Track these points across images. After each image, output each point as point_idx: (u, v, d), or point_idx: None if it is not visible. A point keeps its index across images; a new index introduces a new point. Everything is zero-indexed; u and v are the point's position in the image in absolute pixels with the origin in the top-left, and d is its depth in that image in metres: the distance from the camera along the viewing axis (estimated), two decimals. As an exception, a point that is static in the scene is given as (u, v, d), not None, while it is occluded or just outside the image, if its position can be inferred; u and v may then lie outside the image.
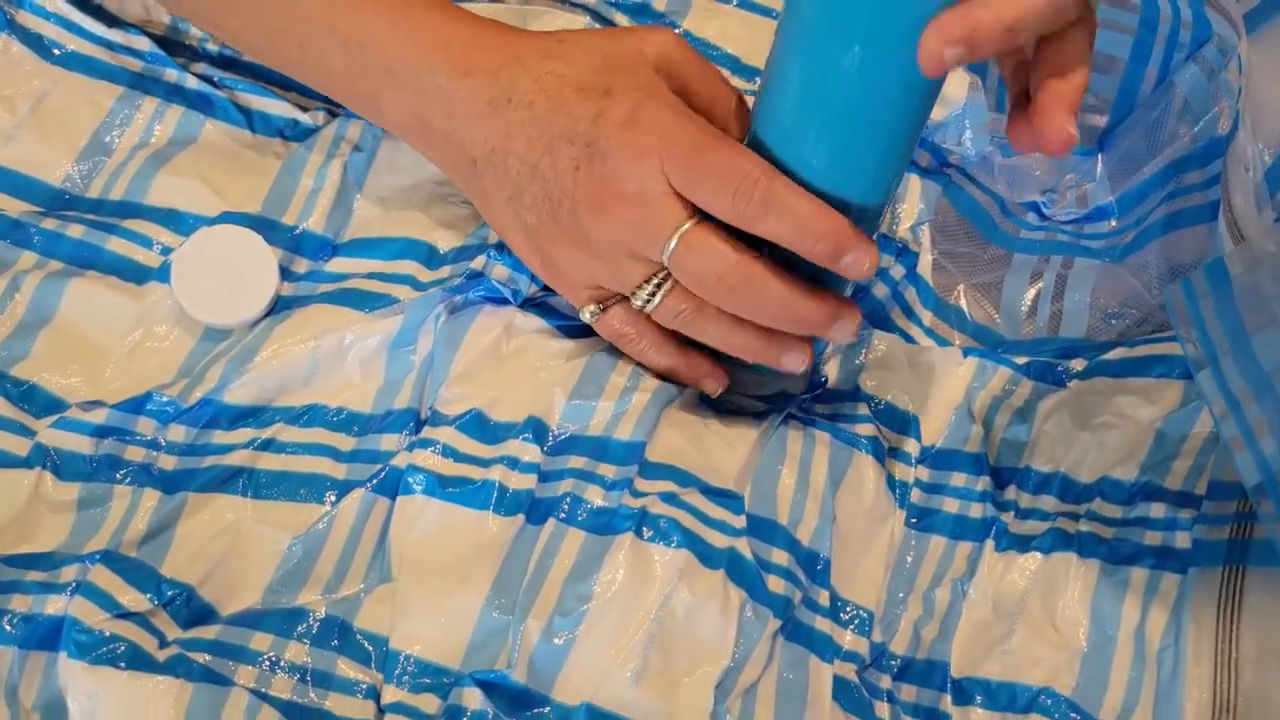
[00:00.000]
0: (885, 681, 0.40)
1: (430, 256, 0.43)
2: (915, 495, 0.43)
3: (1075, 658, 0.39)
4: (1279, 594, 0.36)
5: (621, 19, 0.49)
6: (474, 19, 0.40)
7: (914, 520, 0.43)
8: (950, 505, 0.43)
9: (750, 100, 0.38)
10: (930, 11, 0.30)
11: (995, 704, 0.39)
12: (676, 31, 0.45)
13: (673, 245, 0.36)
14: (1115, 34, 0.53)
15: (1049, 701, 0.38)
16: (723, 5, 0.51)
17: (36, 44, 0.47)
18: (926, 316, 0.49)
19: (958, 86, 0.49)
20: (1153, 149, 0.51)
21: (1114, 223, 0.52)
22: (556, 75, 0.37)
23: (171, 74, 0.47)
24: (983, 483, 0.43)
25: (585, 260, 0.38)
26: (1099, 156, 0.54)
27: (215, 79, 0.47)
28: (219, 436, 0.40)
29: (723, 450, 0.40)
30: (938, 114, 0.49)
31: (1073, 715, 0.38)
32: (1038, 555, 0.41)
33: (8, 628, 0.34)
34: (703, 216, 0.35)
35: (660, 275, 0.38)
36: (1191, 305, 0.36)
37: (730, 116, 0.39)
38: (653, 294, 0.38)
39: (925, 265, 0.49)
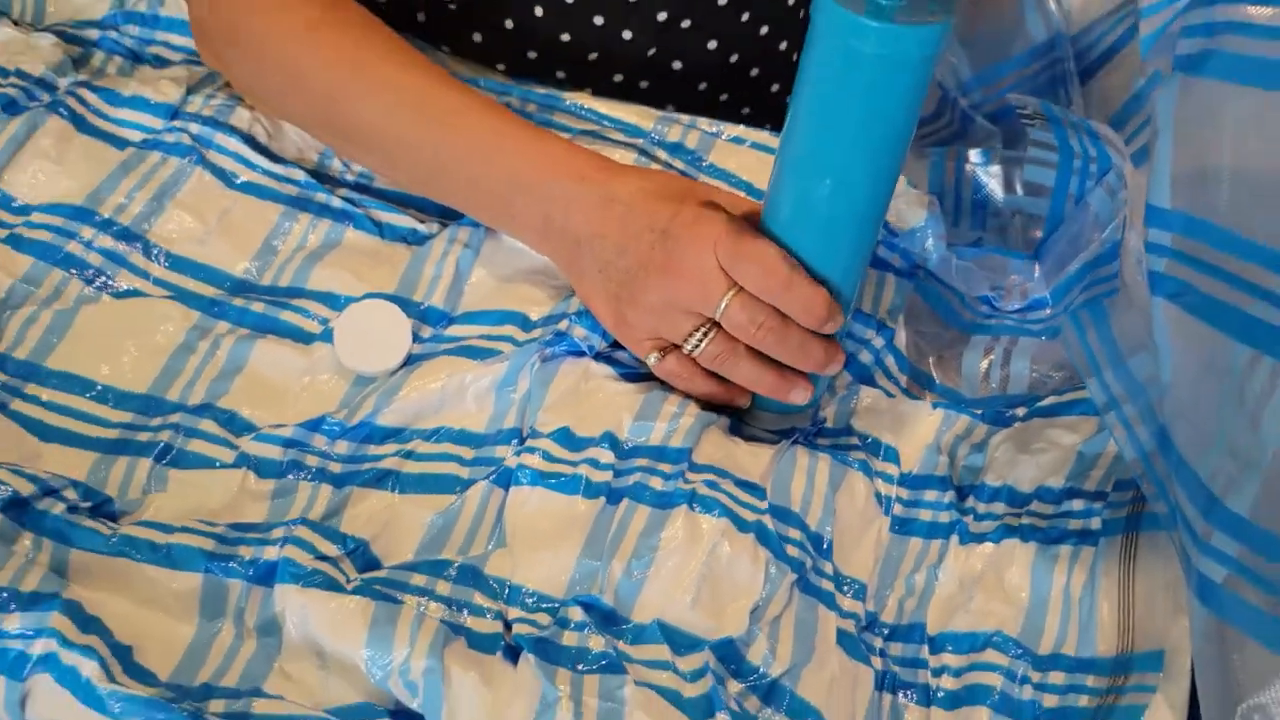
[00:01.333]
0: (878, 642, 0.52)
1: (525, 323, 0.58)
2: (896, 509, 0.57)
3: (1020, 611, 0.51)
4: (1160, 549, 0.49)
5: (662, 154, 0.66)
6: (582, 148, 0.56)
7: (896, 528, 0.56)
8: (924, 515, 0.57)
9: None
10: (882, 162, 0.46)
11: (960, 648, 0.51)
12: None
13: (725, 303, 0.51)
14: (1044, 169, 0.69)
15: (1000, 640, 0.50)
16: (738, 146, 0.67)
17: (221, 174, 0.63)
18: (903, 379, 0.63)
19: (919, 207, 0.65)
20: (1074, 252, 0.66)
21: (1049, 311, 0.67)
22: (643, 188, 0.53)
23: (320, 196, 0.63)
24: (949, 496, 0.57)
25: (650, 317, 0.53)
26: (1036, 263, 0.69)
27: (354, 200, 0.63)
28: (373, 449, 0.54)
29: (749, 459, 0.54)
30: (908, 223, 0.64)
31: (1018, 650, 0.50)
32: (990, 544, 0.54)
33: (237, 567, 0.47)
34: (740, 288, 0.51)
35: (705, 327, 0.52)
36: (1079, 331, 0.51)
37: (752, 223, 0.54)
38: (700, 342, 0.53)
39: (901, 340, 0.64)
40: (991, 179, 0.73)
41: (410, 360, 0.57)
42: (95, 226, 0.60)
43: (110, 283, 0.59)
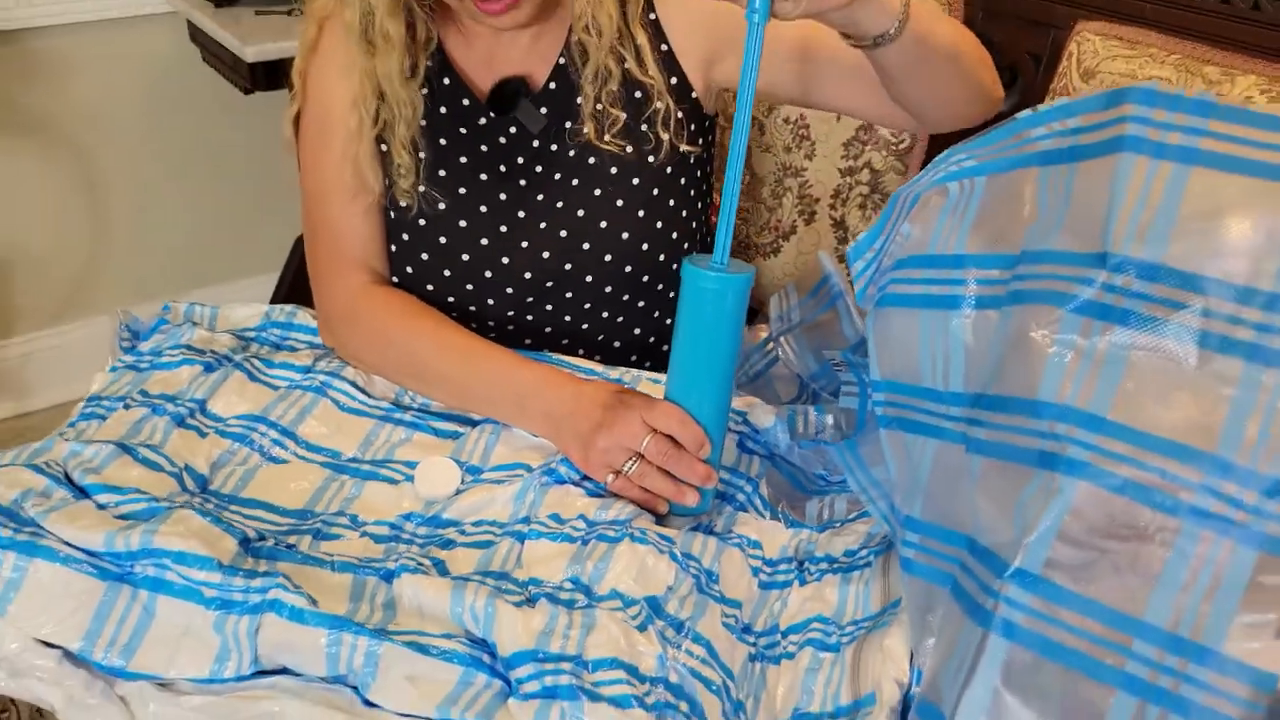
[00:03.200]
0: (750, 639, 0.87)
1: (528, 468, 0.97)
2: (761, 576, 0.93)
3: (831, 606, 0.87)
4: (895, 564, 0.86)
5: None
6: (554, 369, 0.99)
7: (761, 586, 0.93)
8: (779, 578, 0.93)
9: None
10: (724, 351, 0.89)
11: (797, 630, 0.86)
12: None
13: (647, 440, 0.91)
14: (849, 398, 1.12)
15: (819, 618, 0.86)
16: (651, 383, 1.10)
17: (337, 403, 1.04)
18: (765, 514, 1.02)
19: (771, 415, 1.07)
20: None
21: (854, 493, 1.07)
22: (594, 387, 0.95)
23: (397, 414, 1.04)
24: (793, 565, 0.94)
25: (603, 455, 0.93)
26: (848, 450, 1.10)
27: (419, 417, 1.04)
28: (439, 531, 0.90)
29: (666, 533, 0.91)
30: (764, 425, 1.05)
31: (828, 622, 0.85)
32: (816, 583, 0.91)
33: (372, 573, 0.83)
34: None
35: (634, 458, 0.92)
36: (850, 454, 0.91)
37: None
38: (632, 465, 0.92)
39: (764, 491, 1.03)
40: (827, 417, 1.13)
41: (458, 491, 0.95)
42: (267, 424, 1.00)
43: (273, 456, 0.98)
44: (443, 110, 1.11)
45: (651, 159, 1.10)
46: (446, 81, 1.11)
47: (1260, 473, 0.63)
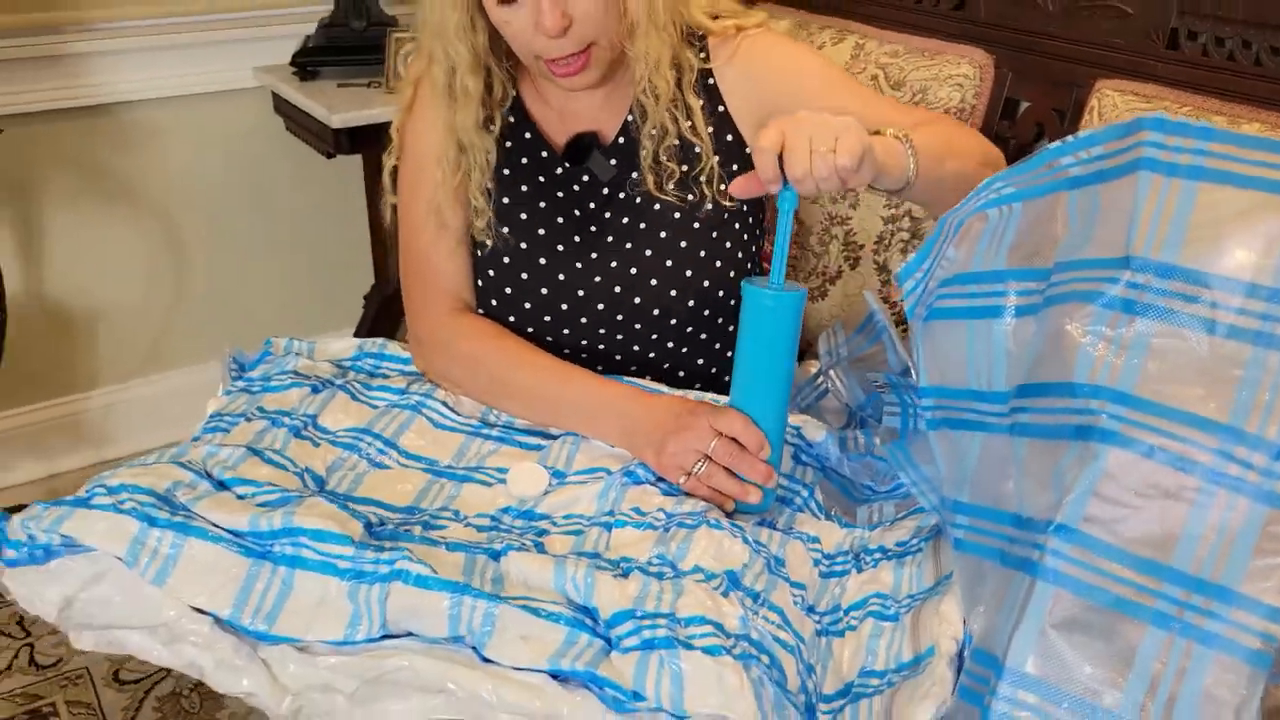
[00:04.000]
0: (814, 618, 0.97)
1: (608, 472, 1.07)
2: (820, 568, 1.03)
3: (887, 586, 0.97)
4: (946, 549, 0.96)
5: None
6: (627, 385, 1.10)
7: (821, 575, 1.02)
8: (837, 568, 1.03)
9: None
10: (782, 364, 1.00)
11: (857, 608, 0.96)
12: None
13: (714, 444, 1.02)
14: (892, 417, 1.22)
15: (877, 595, 0.95)
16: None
17: (430, 420, 1.16)
18: (821, 517, 1.11)
19: (822, 430, 1.17)
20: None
21: (903, 490, 1.17)
22: (665, 399, 1.07)
23: (485, 430, 1.15)
24: (849, 558, 1.04)
25: (674, 458, 1.04)
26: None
27: (505, 432, 1.15)
28: (534, 523, 1.01)
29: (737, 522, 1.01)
30: (816, 439, 1.16)
31: (886, 598, 0.95)
32: (871, 569, 1.00)
33: (482, 552, 0.93)
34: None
35: (702, 459, 1.03)
36: (900, 453, 1.01)
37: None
38: (701, 466, 1.03)
39: (818, 495, 1.13)
40: (875, 439, 1.23)
41: (546, 492, 1.06)
42: (372, 436, 1.11)
43: (378, 462, 1.09)
44: (523, 161, 1.25)
45: (708, 208, 1.22)
46: (527, 135, 1.25)
47: (1268, 439, 0.73)
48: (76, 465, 2.23)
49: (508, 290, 1.24)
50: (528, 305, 1.23)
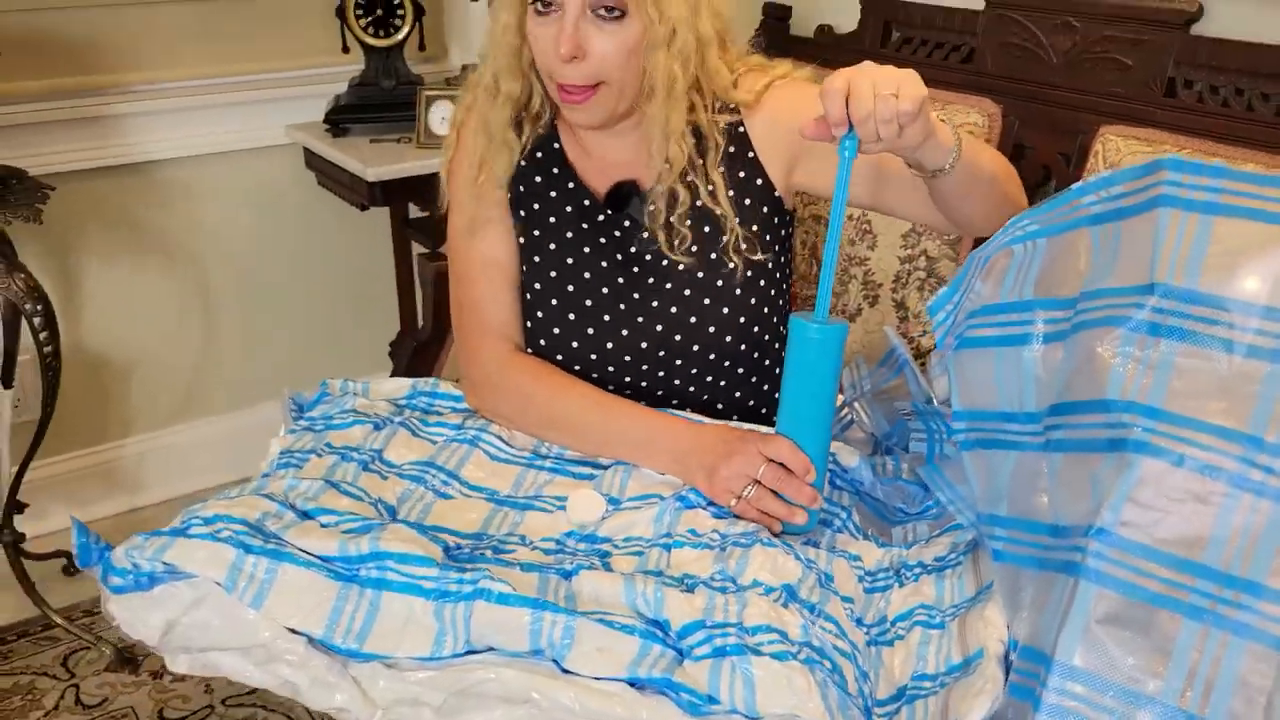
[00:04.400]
0: (862, 630, 1.03)
1: (660, 498, 1.14)
2: (864, 584, 1.10)
3: (930, 598, 1.03)
4: (986, 560, 1.03)
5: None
6: (672, 415, 1.18)
7: (866, 589, 1.09)
8: (879, 584, 1.10)
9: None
10: (826, 392, 1.08)
11: (903, 619, 1.02)
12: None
13: (762, 468, 1.09)
14: (919, 442, 1.29)
15: (924, 606, 1.02)
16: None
17: (487, 453, 1.23)
18: (859, 537, 1.18)
19: (855, 457, 1.24)
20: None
21: (934, 510, 1.24)
22: (713, 428, 1.14)
23: (538, 462, 1.22)
24: (890, 575, 1.10)
25: (724, 483, 1.11)
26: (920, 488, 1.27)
27: (559, 464, 1.22)
28: (596, 545, 1.07)
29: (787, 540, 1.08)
30: (851, 464, 1.23)
31: (932, 609, 1.02)
32: (913, 582, 1.07)
33: (555, 573, 1.00)
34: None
35: (751, 483, 1.10)
36: (936, 475, 1.09)
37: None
38: (750, 490, 1.10)
39: (855, 519, 1.20)
40: (902, 464, 1.30)
41: (603, 518, 1.12)
42: (435, 469, 1.18)
43: (443, 493, 1.15)
44: (568, 209, 1.32)
45: (734, 271, 1.29)
46: (570, 185, 1.33)
47: (1289, 447, 0.81)
48: (110, 513, 2.29)
49: (556, 330, 1.31)
50: (575, 344, 1.30)
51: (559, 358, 1.31)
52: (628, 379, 1.31)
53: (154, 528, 1.02)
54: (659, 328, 1.28)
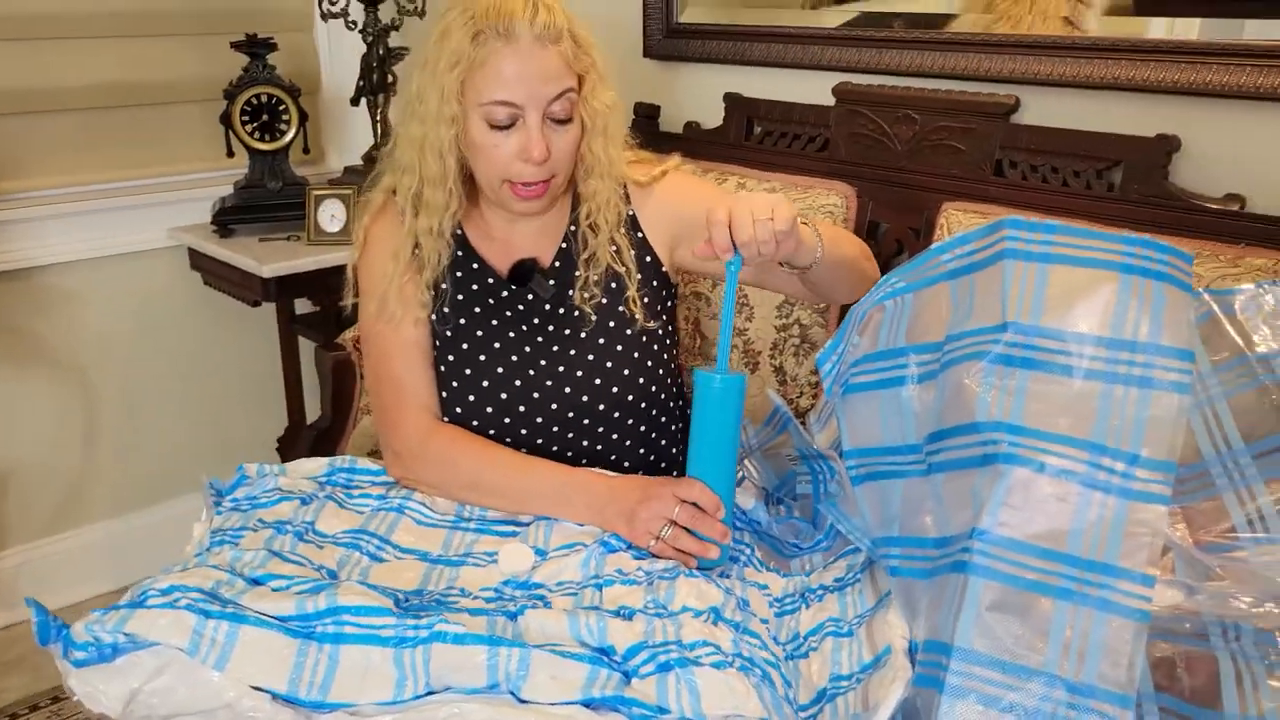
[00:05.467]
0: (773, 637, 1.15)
1: (585, 545, 1.24)
2: (774, 609, 1.22)
3: (832, 612, 1.16)
4: (883, 577, 1.16)
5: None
6: (591, 471, 1.29)
7: (776, 613, 1.21)
8: (788, 608, 1.22)
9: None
10: (728, 438, 1.21)
11: (813, 634, 1.15)
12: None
13: (677, 509, 1.21)
14: (804, 485, 1.43)
15: (831, 619, 1.15)
16: (665, 486, 1.40)
17: (414, 519, 1.31)
18: (763, 570, 1.30)
19: (752, 498, 1.37)
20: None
21: (825, 544, 1.37)
22: (627, 478, 1.26)
23: (463, 525, 1.31)
24: (796, 600, 1.23)
25: (642, 525, 1.22)
26: (812, 525, 1.40)
27: (482, 525, 1.31)
28: (531, 591, 1.17)
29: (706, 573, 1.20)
30: (748, 506, 1.36)
31: (840, 620, 1.14)
32: (818, 602, 1.20)
33: (499, 614, 1.08)
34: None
35: (667, 524, 1.22)
36: (833, 509, 1.23)
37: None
38: (667, 530, 1.21)
39: (758, 553, 1.32)
40: (794, 508, 1.44)
41: (534, 566, 1.22)
42: (368, 535, 1.25)
43: (379, 557, 1.23)
44: (474, 287, 1.44)
45: (635, 327, 1.43)
46: (474, 266, 1.44)
47: (1123, 450, 0.97)
48: (-13, 628, 2.22)
49: (470, 398, 1.41)
50: (489, 410, 1.40)
51: (475, 424, 1.41)
52: (539, 440, 1.42)
53: (32, 645, 1.05)
54: (567, 389, 1.40)
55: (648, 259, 1.46)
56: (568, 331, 1.42)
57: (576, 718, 0.97)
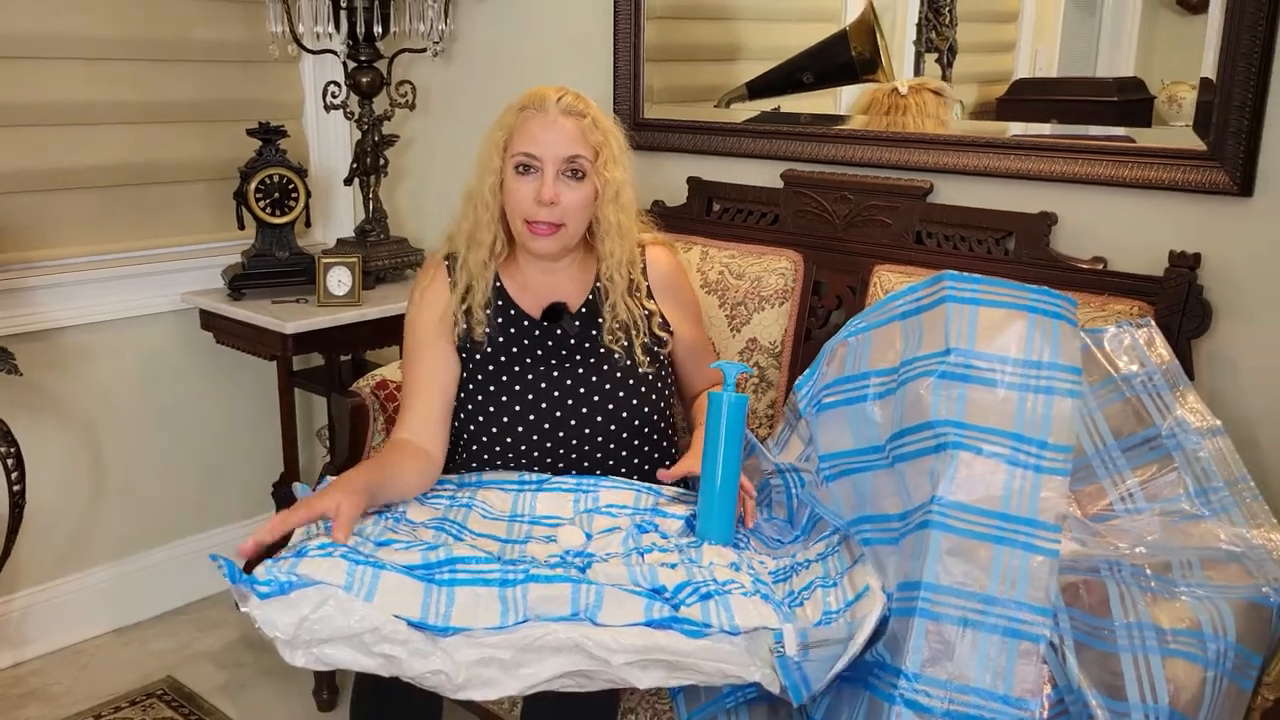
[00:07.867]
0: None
1: (623, 530, 1.58)
2: (762, 589, 1.57)
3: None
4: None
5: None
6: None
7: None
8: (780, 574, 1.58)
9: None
10: (734, 446, 1.58)
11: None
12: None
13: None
14: (779, 493, 1.80)
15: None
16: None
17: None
18: (757, 553, 1.66)
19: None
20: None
21: (801, 539, 1.74)
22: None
23: (517, 518, 1.64)
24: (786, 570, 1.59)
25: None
26: (788, 523, 1.77)
27: (536, 519, 1.65)
28: (591, 557, 1.50)
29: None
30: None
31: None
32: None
33: (564, 574, 1.42)
34: None
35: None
36: (811, 497, 1.60)
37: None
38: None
39: (753, 543, 1.68)
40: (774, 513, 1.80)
41: (584, 545, 1.55)
42: (450, 521, 1.57)
43: (460, 537, 1.55)
44: (511, 331, 1.79)
45: (641, 369, 1.80)
46: (512, 312, 1.80)
47: (1034, 438, 1.38)
48: (-2, 666, 2.41)
49: (505, 419, 1.75)
50: (520, 429, 1.76)
51: (508, 440, 1.75)
52: (561, 451, 1.78)
53: (43, 681, 1.28)
54: (584, 410, 1.77)
55: (653, 314, 1.84)
56: (586, 368, 1.78)
57: (643, 631, 1.31)
